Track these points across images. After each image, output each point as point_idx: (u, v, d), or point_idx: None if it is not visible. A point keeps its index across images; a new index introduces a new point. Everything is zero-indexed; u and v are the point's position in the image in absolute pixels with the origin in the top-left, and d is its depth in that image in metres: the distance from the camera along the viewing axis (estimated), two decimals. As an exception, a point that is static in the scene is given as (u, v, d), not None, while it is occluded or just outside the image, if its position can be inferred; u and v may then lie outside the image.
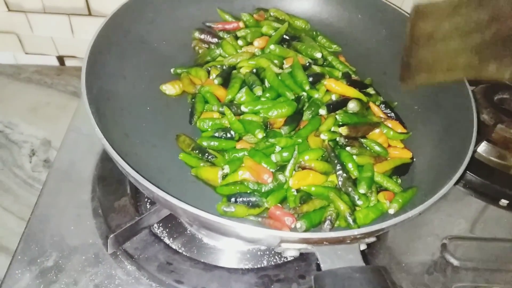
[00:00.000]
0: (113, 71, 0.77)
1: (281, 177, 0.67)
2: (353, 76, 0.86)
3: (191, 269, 0.66)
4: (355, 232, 0.53)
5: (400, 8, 0.92)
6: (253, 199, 0.65)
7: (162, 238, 0.71)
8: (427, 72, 0.62)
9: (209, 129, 0.75)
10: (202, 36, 0.91)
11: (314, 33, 0.95)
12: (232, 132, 0.74)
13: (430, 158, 0.74)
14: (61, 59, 1.22)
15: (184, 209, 0.53)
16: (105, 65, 0.75)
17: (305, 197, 0.66)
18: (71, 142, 0.84)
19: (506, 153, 0.89)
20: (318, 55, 0.86)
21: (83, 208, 0.73)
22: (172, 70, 0.86)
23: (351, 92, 0.81)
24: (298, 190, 0.67)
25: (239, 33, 0.91)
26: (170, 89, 0.82)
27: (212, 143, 0.72)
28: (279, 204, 0.66)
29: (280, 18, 0.95)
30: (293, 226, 0.62)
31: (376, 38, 0.93)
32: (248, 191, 0.66)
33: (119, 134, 0.70)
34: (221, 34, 0.92)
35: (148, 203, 0.75)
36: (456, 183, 0.62)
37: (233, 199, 0.65)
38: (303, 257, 0.69)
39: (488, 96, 0.93)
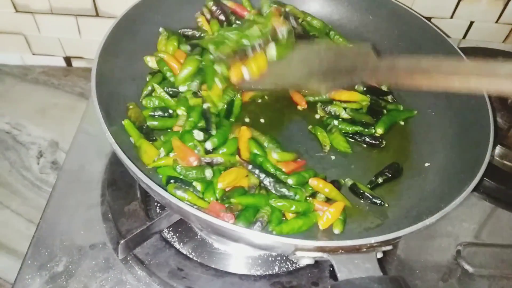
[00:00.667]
0: (122, 74, 0.77)
1: (207, 173, 0.65)
2: None
3: (203, 275, 0.65)
4: (372, 240, 0.52)
5: (411, 9, 0.91)
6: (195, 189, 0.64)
7: (172, 243, 0.70)
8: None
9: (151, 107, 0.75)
10: (214, 8, 0.89)
11: (330, 32, 0.93)
12: (171, 111, 0.74)
13: (445, 163, 0.73)
14: (68, 60, 1.22)
15: (197, 215, 0.52)
16: (114, 67, 0.74)
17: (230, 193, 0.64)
18: (80, 144, 0.83)
19: (521, 157, 0.88)
20: None
21: (93, 212, 0.73)
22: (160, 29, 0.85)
23: (355, 96, 0.81)
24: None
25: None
26: (153, 61, 0.81)
27: (154, 123, 0.73)
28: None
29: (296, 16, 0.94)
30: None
31: (387, 40, 0.92)
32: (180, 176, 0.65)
33: (128, 137, 0.69)
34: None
35: (158, 207, 0.74)
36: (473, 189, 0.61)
37: (172, 181, 0.64)
38: (316, 263, 0.68)
39: (502, 99, 0.92)
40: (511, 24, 1.18)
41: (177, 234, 0.72)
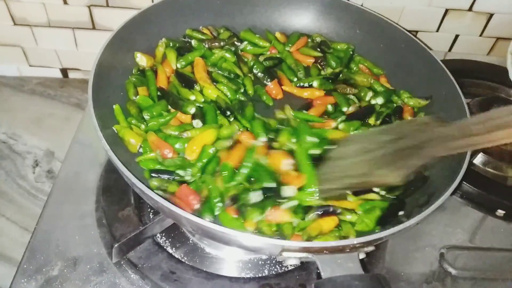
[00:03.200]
0: (118, 85, 0.79)
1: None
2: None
3: (194, 278, 0.67)
4: (354, 241, 0.54)
5: (397, 24, 0.94)
6: (178, 175, 0.68)
7: (165, 247, 0.72)
8: (326, 182, 0.68)
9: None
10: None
11: (355, 56, 0.97)
12: None
13: (429, 170, 0.76)
14: (64, 71, 1.24)
15: (188, 218, 0.55)
16: (110, 78, 0.77)
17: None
18: (75, 154, 0.86)
19: (502, 164, 0.91)
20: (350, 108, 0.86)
21: (88, 218, 0.75)
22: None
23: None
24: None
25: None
26: (143, 59, 0.85)
27: None
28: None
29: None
30: (195, 207, 0.65)
31: (374, 53, 0.96)
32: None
33: (123, 146, 0.72)
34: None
35: (151, 213, 0.76)
36: (453, 193, 0.64)
37: (154, 174, 0.68)
38: (303, 266, 0.70)
39: (484, 109, 0.95)
40: (494, 38, 1.22)
41: (170, 239, 0.74)
